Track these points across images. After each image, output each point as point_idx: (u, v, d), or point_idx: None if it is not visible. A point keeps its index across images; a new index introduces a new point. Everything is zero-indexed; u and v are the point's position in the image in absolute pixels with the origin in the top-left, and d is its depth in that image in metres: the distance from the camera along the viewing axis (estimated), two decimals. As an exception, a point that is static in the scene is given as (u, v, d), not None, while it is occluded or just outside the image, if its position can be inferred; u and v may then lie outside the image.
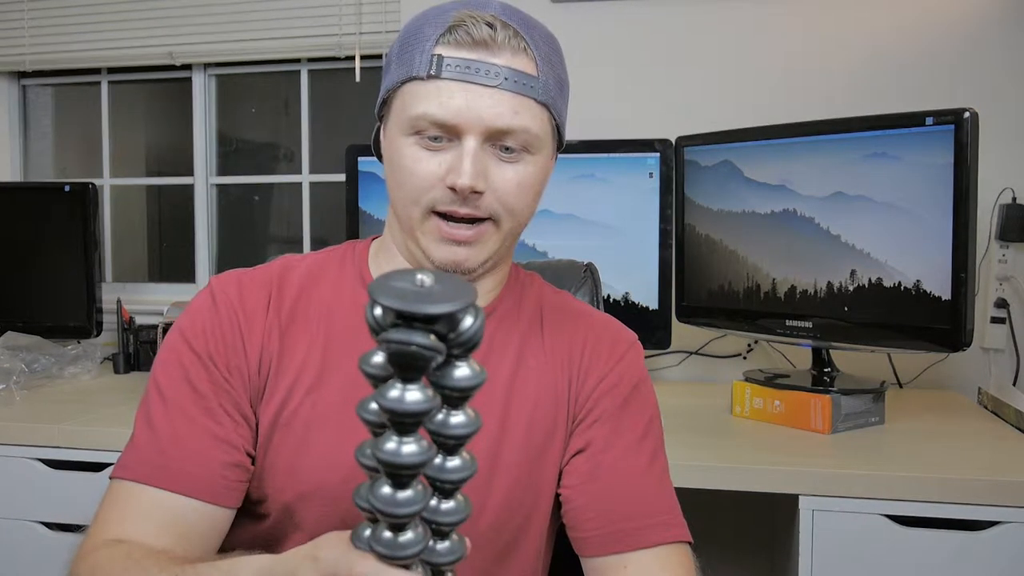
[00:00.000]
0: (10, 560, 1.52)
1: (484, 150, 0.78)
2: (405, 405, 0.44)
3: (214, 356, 0.82)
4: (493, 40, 0.77)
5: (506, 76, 0.77)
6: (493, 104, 0.77)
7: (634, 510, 0.85)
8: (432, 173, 0.78)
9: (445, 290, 0.45)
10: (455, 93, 0.76)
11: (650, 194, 1.71)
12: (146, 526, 0.76)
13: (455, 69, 0.76)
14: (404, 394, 0.44)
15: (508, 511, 0.84)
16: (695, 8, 1.97)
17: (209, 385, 0.81)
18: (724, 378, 1.90)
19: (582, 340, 0.90)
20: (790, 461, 1.29)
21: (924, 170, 1.38)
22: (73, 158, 2.54)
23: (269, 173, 2.43)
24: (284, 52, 2.22)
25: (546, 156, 0.84)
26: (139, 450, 0.80)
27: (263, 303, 0.84)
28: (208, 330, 0.82)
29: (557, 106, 0.82)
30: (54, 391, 1.81)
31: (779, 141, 1.58)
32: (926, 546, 1.21)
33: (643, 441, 0.88)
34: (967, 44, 1.84)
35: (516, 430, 0.84)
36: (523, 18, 0.81)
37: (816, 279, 1.53)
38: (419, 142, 0.79)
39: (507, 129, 0.78)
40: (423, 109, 0.77)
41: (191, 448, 0.79)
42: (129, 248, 2.52)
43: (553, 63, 0.82)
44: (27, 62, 2.34)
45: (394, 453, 0.45)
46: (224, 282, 0.86)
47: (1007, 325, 1.83)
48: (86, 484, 1.49)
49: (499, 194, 0.79)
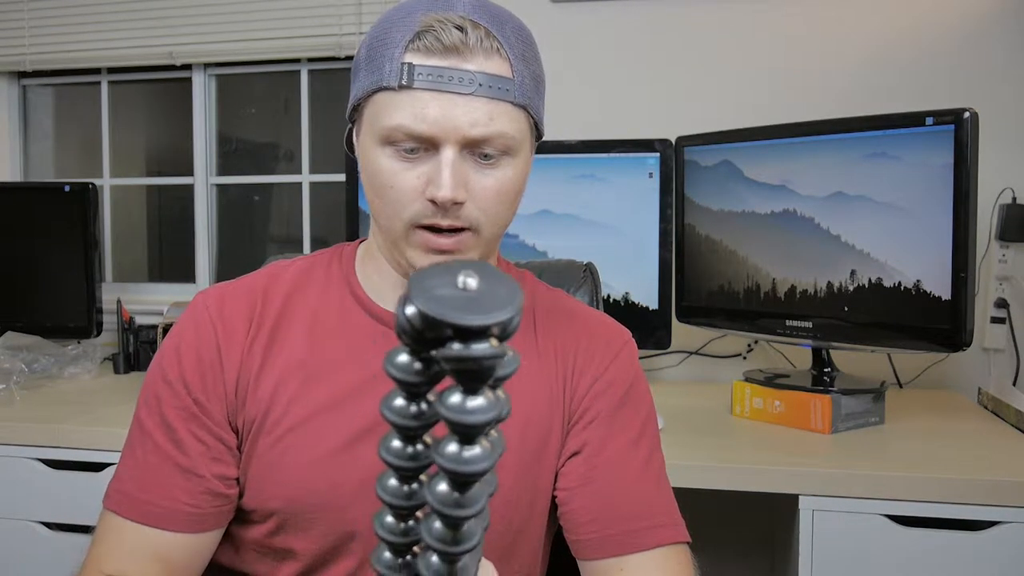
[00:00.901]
0: (10, 560, 1.52)
1: (462, 158, 0.76)
2: (472, 416, 0.40)
3: (187, 379, 0.82)
4: (465, 44, 0.74)
5: (480, 82, 0.74)
6: (469, 112, 0.74)
7: (631, 512, 0.84)
8: (411, 187, 0.76)
9: (493, 292, 0.41)
10: (428, 103, 0.74)
11: (650, 194, 1.71)
12: (132, 561, 0.79)
13: (427, 78, 0.74)
14: (466, 402, 0.41)
15: (506, 515, 0.83)
16: (695, 8, 1.97)
17: (179, 413, 0.81)
18: (724, 378, 1.90)
19: (575, 340, 0.89)
20: (790, 461, 1.29)
21: (924, 170, 1.38)
22: (73, 158, 2.54)
23: (269, 173, 2.43)
24: (284, 52, 2.22)
25: (525, 156, 0.81)
26: (121, 480, 0.83)
27: (246, 315, 0.84)
28: (183, 352, 0.83)
29: (534, 104, 0.80)
30: (54, 391, 1.81)
31: (779, 141, 1.58)
32: (926, 546, 1.21)
33: (639, 441, 0.87)
34: (967, 44, 1.84)
35: (511, 434, 0.83)
36: (493, 13, 0.77)
37: (816, 279, 1.53)
38: (395, 154, 0.76)
39: (484, 137, 0.75)
40: (397, 121, 0.74)
41: (158, 482, 0.80)
42: (129, 248, 2.52)
43: (527, 59, 0.79)
44: (27, 62, 2.34)
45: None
46: (206, 296, 0.86)
47: (1007, 325, 1.83)
48: (86, 484, 1.49)
49: (479, 202, 0.77)
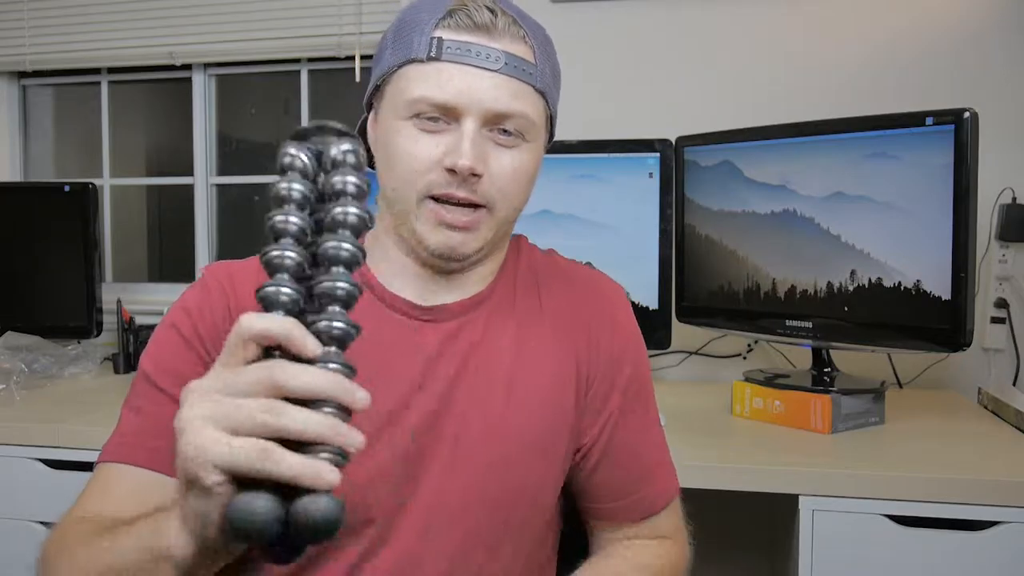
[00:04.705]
0: (10, 560, 1.52)
1: (482, 134, 0.78)
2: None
3: (204, 337, 0.81)
4: (494, 25, 0.77)
5: (506, 61, 0.77)
6: (493, 87, 0.77)
7: (641, 476, 0.91)
8: (429, 155, 0.78)
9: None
10: (455, 75, 0.76)
11: (650, 194, 1.71)
12: (126, 505, 0.75)
13: (455, 52, 0.77)
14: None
15: (520, 490, 0.85)
16: (695, 8, 1.97)
17: (195, 368, 0.79)
18: (724, 378, 1.90)
19: (579, 308, 0.90)
20: (790, 461, 1.29)
21: (924, 170, 1.38)
22: (73, 158, 2.54)
23: (269, 173, 2.43)
24: (284, 52, 2.22)
25: (540, 145, 0.84)
26: (124, 435, 0.80)
27: (253, 290, 0.84)
28: (196, 311, 0.82)
29: (552, 96, 0.83)
30: (54, 391, 1.81)
31: (779, 141, 1.58)
32: (926, 546, 1.21)
33: (648, 405, 0.93)
34: (967, 44, 1.84)
35: (522, 417, 0.84)
36: (518, 10, 0.82)
37: (816, 279, 1.53)
38: (416, 124, 0.78)
39: (506, 113, 0.78)
40: (422, 91, 0.77)
41: (171, 429, 0.78)
42: (129, 248, 2.52)
43: (548, 54, 0.83)
44: (27, 62, 2.34)
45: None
46: (215, 269, 0.87)
47: (1007, 325, 1.83)
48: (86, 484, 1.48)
49: (495, 180, 0.79)
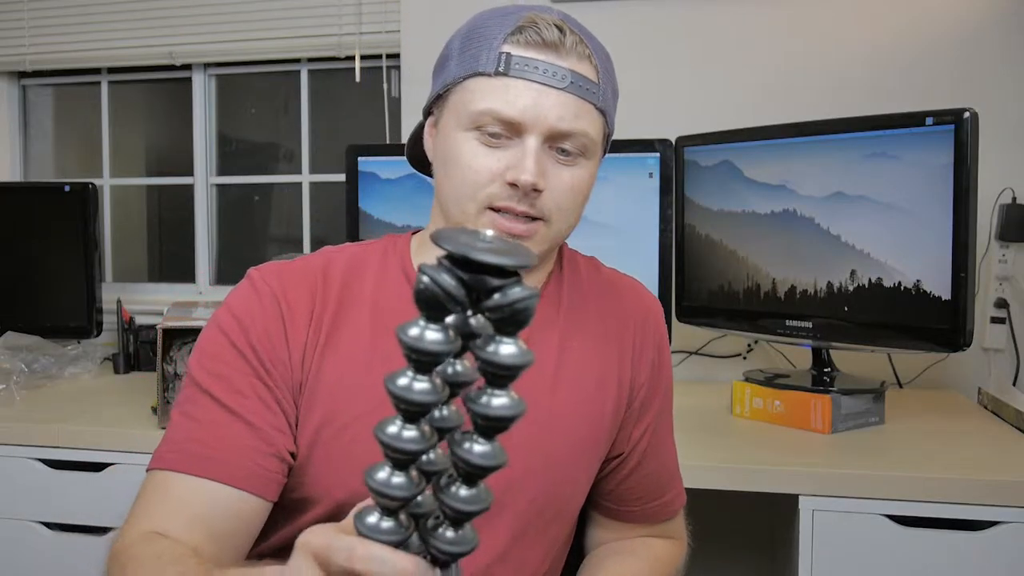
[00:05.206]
0: (10, 560, 1.52)
1: (543, 150, 0.79)
2: (423, 343, 0.43)
3: (256, 347, 0.80)
4: (562, 43, 0.78)
5: (572, 80, 0.78)
6: (558, 105, 0.77)
7: (667, 481, 0.98)
8: (491, 169, 0.78)
9: (504, 248, 0.43)
10: (522, 92, 0.77)
11: (650, 194, 1.71)
12: (178, 519, 0.74)
13: (523, 68, 0.77)
14: (424, 332, 0.43)
15: (551, 494, 0.86)
16: (695, 8, 1.97)
17: (248, 380, 0.79)
18: (724, 378, 1.90)
19: (624, 317, 0.93)
20: (790, 461, 1.29)
21: (924, 170, 1.38)
22: (73, 158, 2.54)
23: (269, 173, 2.43)
24: (284, 52, 2.22)
25: (595, 163, 0.85)
26: (176, 441, 0.79)
27: (307, 295, 0.83)
28: (249, 322, 0.81)
29: (611, 114, 0.85)
30: (54, 391, 1.81)
31: (779, 141, 1.58)
32: (926, 546, 1.21)
33: (671, 413, 0.99)
34: (967, 44, 1.84)
35: (566, 418, 0.86)
36: (583, 29, 0.82)
37: (816, 279, 1.53)
38: (479, 137, 0.79)
39: (568, 132, 0.79)
40: (488, 105, 0.77)
41: (229, 438, 0.77)
42: (129, 248, 2.52)
43: (610, 72, 0.84)
44: (27, 62, 2.34)
45: (406, 388, 0.43)
46: (264, 272, 0.85)
47: (1007, 325, 1.83)
48: (86, 484, 1.49)
49: (554, 194, 0.80)
